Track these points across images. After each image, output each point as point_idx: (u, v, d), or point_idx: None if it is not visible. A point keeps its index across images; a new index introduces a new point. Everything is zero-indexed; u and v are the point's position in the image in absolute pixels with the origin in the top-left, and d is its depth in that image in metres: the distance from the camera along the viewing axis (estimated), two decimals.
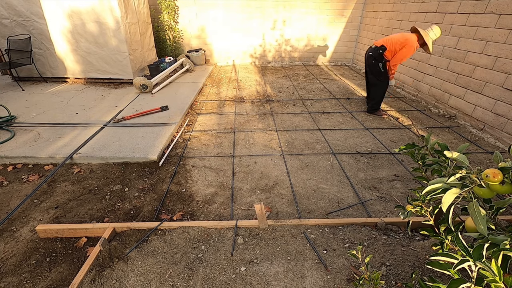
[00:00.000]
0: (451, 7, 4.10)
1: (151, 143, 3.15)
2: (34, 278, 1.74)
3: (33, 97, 4.66)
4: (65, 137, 3.30)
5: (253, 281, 1.65)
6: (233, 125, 3.89)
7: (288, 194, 2.48)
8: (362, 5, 7.13)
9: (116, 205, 2.36)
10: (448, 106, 4.18)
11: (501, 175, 0.88)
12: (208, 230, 2.01)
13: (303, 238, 1.95)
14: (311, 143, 3.37)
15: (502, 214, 2.09)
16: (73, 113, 4.00)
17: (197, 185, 2.60)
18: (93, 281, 1.64)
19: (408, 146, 1.38)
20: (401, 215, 1.26)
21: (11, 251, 1.92)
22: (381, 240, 1.92)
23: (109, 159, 2.94)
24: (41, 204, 2.37)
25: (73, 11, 4.90)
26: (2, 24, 5.05)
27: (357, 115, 4.21)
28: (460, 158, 1.01)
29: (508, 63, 3.24)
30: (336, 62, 7.93)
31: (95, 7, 4.85)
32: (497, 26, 3.36)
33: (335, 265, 1.74)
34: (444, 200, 0.94)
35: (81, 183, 2.64)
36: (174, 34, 7.13)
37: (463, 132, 3.64)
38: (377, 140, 3.42)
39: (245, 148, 3.27)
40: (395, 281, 1.62)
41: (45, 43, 5.20)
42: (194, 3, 6.95)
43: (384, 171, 2.81)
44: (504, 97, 3.29)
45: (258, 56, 7.79)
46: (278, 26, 7.36)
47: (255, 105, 4.68)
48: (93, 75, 5.53)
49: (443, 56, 4.27)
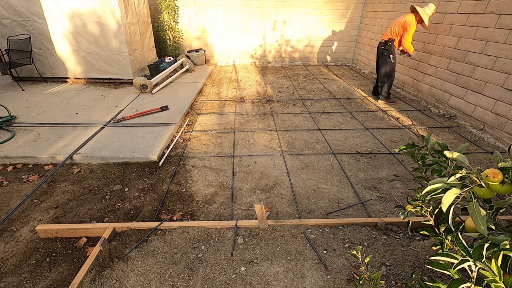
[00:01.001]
0: (451, 7, 4.10)
1: (151, 143, 3.15)
2: (34, 278, 1.74)
3: (33, 97, 4.66)
4: (65, 137, 3.30)
5: (253, 281, 1.65)
6: (233, 125, 3.89)
7: (288, 194, 2.48)
8: (362, 5, 7.13)
9: (116, 205, 2.36)
10: (448, 106, 4.18)
11: (501, 175, 0.88)
12: (208, 230, 2.01)
13: (303, 238, 1.95)
14: (311, 143, 3.37)
15: (502, 214, 2.09)
16: (73, 113, 4.00)
17: (197, 185, 2.60)
18: (93, 281, 1.64)
19: (408, 146, 1.38)
20: (401, 215, 1.26)
21: (11, 251, 1.92)
22: (381, 240, 1.92)
23: (109, 159, 2.94)
24: (41, 204, 2.37)
25: (73, 12, 4.90)
26: (2, 24, 5.05)
27: (357, 115, 4.21)
28: (460, 158, 1.01)
29: (508, 63, 3.24)
30: (336, 62, 7.94)
31: (95, 7, 4.85)
32: (497, 26, 3.36)
33: (335, 265, 1.74)
34: (444, 200, 0.94)
35: (81, 183, 2.64)
36: (174, 34, 7.13)
37: (463, 132, 3.64)
38: (377, 140, 3.42)
39: (245, 148, 3.27)
40: (395, 281, 1.62)
41: (45, 43, 5.21)
42: (194, 3, 6.95)
43: (384, 171, 2.81)
44: (504, 97, 3.29)
45: (258, 56, 7.80)
46: (278, 26, 7.37)
47: (255, 105, 4.68)
48: (93, 75, 5.53)
49: (443, 56, 4.27)
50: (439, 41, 4.33)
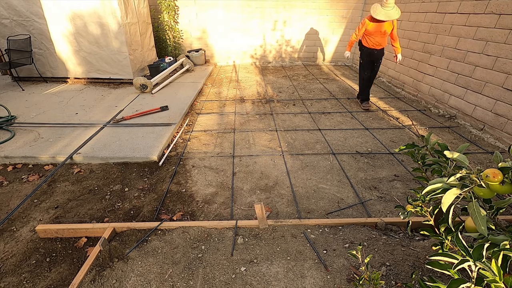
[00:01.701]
0: (451, 7, 4.10)
1: (151, 143, 3.15)
2: (34, 278, 1.74)
3: (33, 97, 4.66)
4: (65, 137, 3.30)
5: (253, 281, 1.65)
6: (233, 125, 3.89)
7: (288, 194, 2.48)
8: (362, 5, 7.12)
9: (116, 205, 2.36)
10: (448, 106, 4.18)
11: (501, 175, 0.88)
12: (208, 230, 2.01)
13: (303, 238, 1.95)
14: (311, 143, 3.36)
15: (502, 214, 2.09)
16: (73, 113, 4.00)
17: (197, 185, 2.60)
18: (93, 281, 1.64)
19: (408, 146, 1.38)
20: (401, 215, 1.26)
21: (11, 251, 1.92)
22: (381, 240, 1.92)
23: (109, 159, 2.94)
24: (41, 204, 2.37)
25: (73, 12, 4.90)
26: (2, 24, 5.05)
27: (357, 115, 4.21)
28: (460, 158, 1.01)
29: (508, 63, 3.24)
30: (336, 62, 7.93)
31: (95, 7, 4.85)
32: (497, 26, 3.36)
33: (335, 265, 1.74)
34: (444, 200, 0.94)
35: (81, 183, 2.64)
36: (174, 34, 7.12)
37: (463, 132, 3.64)
38: (377, 140, 3.42)
39: (245, 148, 3.27)
40: (395, 281, 1.62)
41: (45, 43, 5.21)
42: (194, 3, 6.95)
43: (384, 171, 2.81)
44: (504, 97, 3.29)
45: (258, 56, 7.79)
46: (278, 26, 7.36)
47: (255, 105, 4.68)
48: (93, 75, 5.53)
49: (443, 56, 4.27)
50: (439, 41, 4.33)
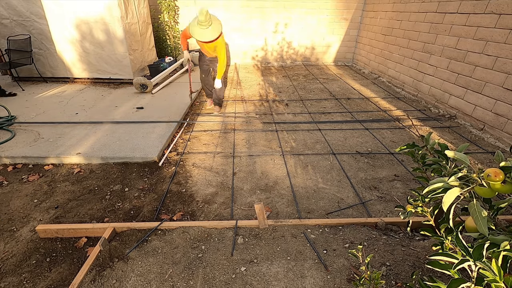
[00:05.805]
0: (451, 7, 4.10)
1: (151, 143, 3.14)
2: (34, 278, 1.74)
3: (33, 97, 4.66)
4: (65, 137, 3.30)
5: (253, 281, 1.65)
6: (233, 125, 3.89)
7: (288, 194, 2.48)
8: (362, 5, 7.12)
9: (116, 205, 2.36)
10: (448, 106, 4.18)
11: (502, 174, 0.88)
12: (208, 230, 2.01)
13: (303, 238, 1.95)
14: (311, 143, 3.36)
15: (502, 214, 2.09)
16: (73, 113, 4.00)
17: (197, 185, 2.60)
18: (93, 281, 1.64)
19: (408, 146, 1.37)
20: (401, 215, 1.26)
21: (11, 251, 1.92)
22: (381, 240, 1.92)
23: (109, 159, 2.94)
24: (41, 204, 2.37)
25: (73, 12, 4.89)
26: (2, 24, 5.04)
27: (357, 115, 4.21)
28: (461, 157, 1.00)
29: (508, 63, 3.24)
30: (336, 62, 7.93)
31: (95, 7, 4.84)
32: (497, 26, 3.36)
33: (335, 265, 1.74)
34: (445, 200, 0.93)
35: (81, 183, 2.64)
36: (174, 34, 7.12)
37: (463, 132, 3.64)
38: (377, 140, 3.42)
39: (245, 148, 3.27)
40: (395, 281, 1.62)
41: (45, 43, 5.20)
42: (194, 3, 6.95)
43: (384, 171, 2.81)
44: (504, 97, 3.28)
45: (258, 56, 7.79)
46: (278, 26, 7.36)
47: (255, 105, 4.68)
48: (93, 75, 5.53)
49: (443, 56, 4.27)
50: (439, 41, 4.33)
